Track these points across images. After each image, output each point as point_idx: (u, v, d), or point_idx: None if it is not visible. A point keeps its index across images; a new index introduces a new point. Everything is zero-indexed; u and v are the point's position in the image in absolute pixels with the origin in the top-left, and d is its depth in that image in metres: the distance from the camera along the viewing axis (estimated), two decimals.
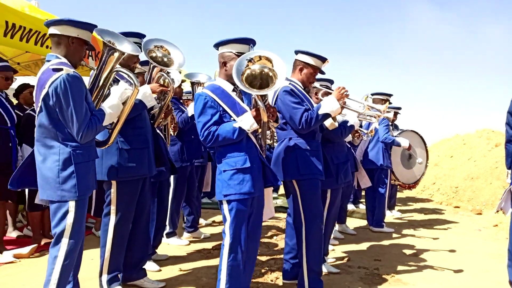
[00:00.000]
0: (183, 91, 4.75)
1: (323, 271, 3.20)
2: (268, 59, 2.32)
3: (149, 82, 3.00)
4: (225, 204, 2.42)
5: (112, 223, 2.76)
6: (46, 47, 3.84)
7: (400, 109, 5.87)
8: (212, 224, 5.34)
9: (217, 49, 2.55)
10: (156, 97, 2.98)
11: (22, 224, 4.76)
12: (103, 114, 2.33)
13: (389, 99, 5.28)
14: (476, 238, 5.06)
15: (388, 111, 3.42)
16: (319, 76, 3.14)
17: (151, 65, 2.98)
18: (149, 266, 3.31)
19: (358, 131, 4.02)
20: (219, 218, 5.01)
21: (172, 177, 4.00)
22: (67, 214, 2.22)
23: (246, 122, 2.37)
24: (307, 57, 2.97)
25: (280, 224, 5.33)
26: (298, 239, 2.92)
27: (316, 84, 3.29)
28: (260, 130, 2.50)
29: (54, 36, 2.29)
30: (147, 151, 2.85)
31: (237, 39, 2.48)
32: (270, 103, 2.90)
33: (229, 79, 2.50)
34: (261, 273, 3.39)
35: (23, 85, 4.59)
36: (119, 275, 2.85)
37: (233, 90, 2.51)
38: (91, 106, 2.31)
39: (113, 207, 2.75)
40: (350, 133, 3.46)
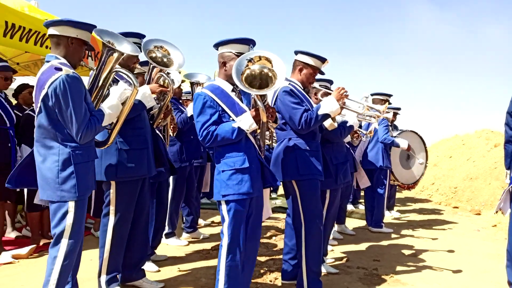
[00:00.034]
0: (183, 91, 4.75)
1: (322, 271, 3.20)
2: (267, 59, 2.32)
3: (149, 82, 2.99)
4: (223, 205, 2.41)
5: (111, 223, 2.75)
6: (46, 47, 3.84)
7: (399, 109, 5.87)
8: (211, 225, 5.34)
9: (217, 49, 2.55)
10: (156, 97, 2.98)
11: (21, 225, 4.76)
12: (102, 114, 2.33)
13: (389, 99, 5.29)
14: (475, 238, 5.07)
15: (387, 111, 3.42)
16: (318, 76, 3.14)
17: (150, 65, 2.98)
18: (148, 267, 3.30)
19: (357, 131, 4.02)
20: (218, 218, 5.00)
21: (171, 177, 4.00)
22: (67, 214, 2.22)
23: (245, 122, 2.37)
24: (306, 57, 2.97)
25: (279, 225, 5.33)
26: (298, 239, 2.92)
27: (316, 84, 3.29)
28: (259, 130, 2.50)
29: (53, 37, 2.29)
30: (146, 151, 2.85)
31: (237, 39, 2.48)
32: (269, 103, 2.90)
33: (228, 79, 2.49)
34: (260, 273, 3.39)
35: (22, 85, 4.58)
36: (118, 275, 2.85)
37: (233, 90, 2.51)
38: (90, 106, 2.31)
39: (112, 208, 2.75)
40: (349, 134, 3.46)
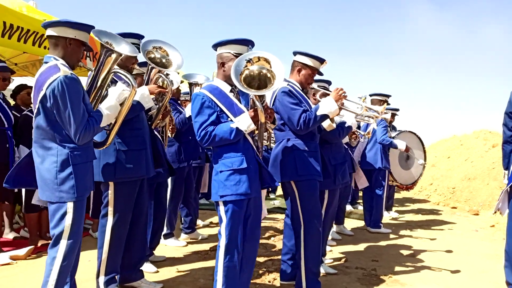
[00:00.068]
0: (181, 92, 4.74)
1: (321, 272, 3.20)
2: (266, 60, 2.32)
3: (147, 83, 2.99)
4: (221, 205, 2.41)
5: (110, 224, 2.75)
6: (44, 47, 3.83)
7: (398, 110, 5.89)
8: (209, 225, 5.34)
9: (216, 49, 2.55)
10: (154, 98, 2.98)
11: (19, 226, 4.74)
12: (101, 115, 2.33)
13: (388, 100, 5.29)
14: (473, 238, 5.08)
15: (386, 112, 3.43)
16: (317, 77, 3.14)
17: (149, 66, 2.97)
18: (146, 268, 3.30)
19: (355, 132, 4.03)
20: (217, 219, 5.00)
21: (170, 178, 3.99)
22: (66, 215, 2.21)
23: (243, 122, 2.36)
24: (305, 58, 2.97)
25: (277, 225, 5.33)
26: (297, 240, 2.92)
27: (314, 85, 3.29)
28: (256, 131, 2.50)
29: (52, 38, 2.28)
30: (145, 152, 2.84)
31: (235, 40, 2.48)
32: (268, 104, 2.90)
33: (227, 79, 2.49)
34: (259, 274, 3.39)
35: (20, 86, 4.57)
36: (116, 276, 2.84)
37: (231, 91, 2.51)
38: (88, 107, 2.30)
39: (110, 208, 2.75)
40: (347, 134, 3.47)
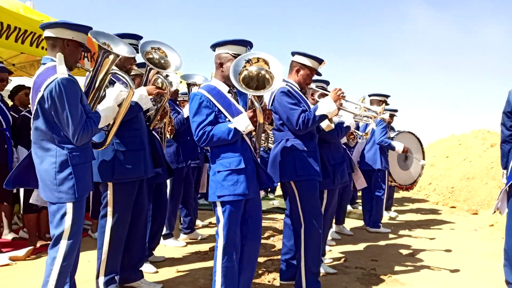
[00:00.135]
0: (179, 92, 4.74)
1: (321, 271, 3.20)
2: (265, 61, 2.32)
3: (146, 84, 2.99)
4: (218, 206, 2.40)
5: (109, 225, 2.74)
6: (42, 48, 3.83)
7: (396, 111, 5.89)
8: (209, 225, 5.34)
9: (214, 50, 2.55)
10: (152, 99, 2.97)
11: (18, 227, 4.73)
12: (99, 116, 2.33)
13: (387, 100, 5.29)
14: (472, 238, 5.08)
15: (384, 112, 3.43)
16: (315, 77, 3.14)
17: (147, 67, 2.97)
18: (146, 268, 3.30)
19: (353, 133, 4.03)
20: None
21: (169, 179, 3.99)
22: (65, 215, 2.21)
23: (241, 123, 2.36)
24: (303, 58, 2.97)
25: (277, 225, 5.34)
26: (297, 240, 2.92)
27: (312, 85, 3.29)
28: (253, 133, 2.49)
29: (49, 39, 2.28)
30: (143, 152, 2.84)
31: (234, 40, 2.47)
32: (266, 104, 2.90)
33: (225, 80, 2.49)
34: (258, 274, 3.39)
35: (18, 87, 4.56)
36: (116, 277, 2.84)
37: (229, 92, 2.51)
38: (86, 108, 2.30)
39: (109, 209, 2.74)
40: (346, 134, 3.47)
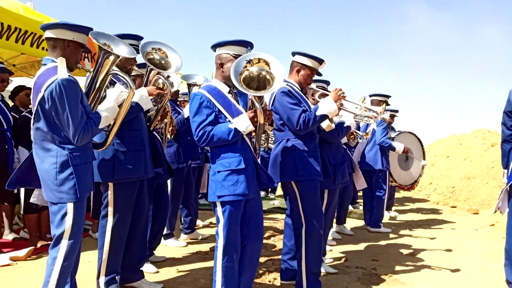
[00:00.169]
0: (180, 93, 4.74)
1: (321, 271, 3.20)
2: (266, 62, 2.32)
3: (146, 84, 2.99)
4: (218, 206, 2.40)
5: (110, 225, 2.75)
6: (42, 48, 3.84)
7: (397, 112, 5.89)
8: (209, 225, 5.34)
9: (214, 50, 2.55)
10: (153, 99, 2.98)
11: (19, 227, 4.74)
12: (99, 117, 2.33)
13: (387, 100, 5.29)
14: (473, 237, 5.08)
15: (384, 112, 3.43)
16: (315, 77, 3.14)
17: (148, 67, 2.97)
18: (146, 268, 3.30)
19: (354, 133, 4.03)
20: None
21: (169, 179, 3.99)
22: (66, 215, 2.22)
23: (242, 123, 2.36)
24: (304, 58, 2.97)
25: (277, 225, 5.34)
26: (298, 240, 2.92)
27: (313, 85, 3.29)
28: (253, 133, 2.49)
29: (50, 40, 2.29)
30: (144, 153, 2.84)
31: (235, 41, 2.48)
32: (266, 104, 2.90)
33: (225, 80, 2.50)
34: (259, 274, 3.39)
35: (19, 87, 4.56)
36: (116, 277, 2.85)
37: (229, 92, 2.51)
38: (87, 109, 2.30)
39: (110, 209, 2.75)
40: (346, 134, 3.47)
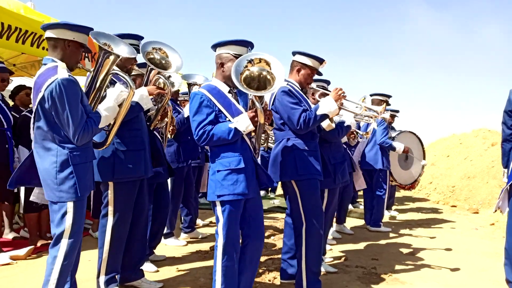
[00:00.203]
0: (180, 92, 4.75)
1: (321, 270, 3.21)
2: (267, 63, 2.33)
3: (146, 84, 2.99)
4: (218, 205, 2.41)
5: (110, 224, 2.75)
6: (42, 48, 3.84)
7: (398, 112, 5.88)
8: (209, 225, 5.34)
9: (215, 50, 2.55)
10: (153, 99, 2.98)
11: (19, 226, 4.74)
12: (99, 116, 2.34)
13: (388, 100, 5.29)
14: (473, 237, 5.09)
15: (384, 112, 3.43)
16: (315, 77, 3.14)
17: (148, 67, 2.97)
18: (146, 267, 3.31)
19: (354, 132, 4.03)
20: None
21: (170, 178, 4.00)
22: (66, 215, 2.23)
23: (242, 123, 2.37)
24: (304, 58, 2.97)
25: (277, 224, 5.34)
26: (298, 239, 2.92)
27: (313, 85, 3.29)
28: (253, 133, 2.48)
29: (51, 40, 2.29)
30: (143, 152, 2.84)
31: (235, 40, 2.48)
32: (267, 104, 2.90)
33: (225, 80, 2.50)
34: (259, 273, 3.39)
35: (19, 87, 4.56)
36: (116, 276, 2.85)
37: (229, 92, 2.51)
38: (87, 108, 2.31)
39: (110, 208, 2.75)
40: (346, 134, 3.47)
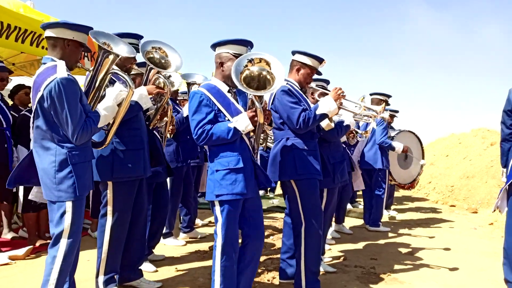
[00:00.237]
0: (179, 92, 4.74)
1: (320, 270, 3.21)
2: (267, 63, 2.32)
3: (146, 83, 2.99)
4: (217, 205, 2.40)
5: (109, 224, 2.75)
6: (42, 47, 3.83)
7: (397, 112, 5.88)
8: (208, 224, 5.34)
9: (214, 49, 2.55)
10: (152, 98, 2.98)
11: (18, 226, 4.74)
12: (98, 116, 2.33)
13: (387, 99, 5.29)
14: (472, 236, 5.09)
15: (384, 111, 3.43)
16: (315, 76, 3.14)
17: (148, 66, 2.97)
18: (145, 267, 3.30)
19: (353, 131, 4.04)
20: None
21: (169, 178, 3.99)
22: (65, 214, 2.22)
23: (241, 122, 2.36)
24: (304, 57, 2.97)
25: (276, 224, 5.34)
26: (297, 238, 2.92)
27: (312, 84, 3.29)
28: (252, 133, 2.48)
29: (50, 39, 2.29)
30: (143, 152, 2.84)
31: (235, 40, 2.47)
32: (266, 103, 2.90)
33: (225, 79, 2.49)
34: (258, 272, 3.39)
35: (18, 86, 4.56)
36: (115, 276, 2.85)
37: (228, 91, 2.51)
38: (86, 108, 2.30)
39: (109, 208, 2.74)
40: (345, 133, 3.47)
